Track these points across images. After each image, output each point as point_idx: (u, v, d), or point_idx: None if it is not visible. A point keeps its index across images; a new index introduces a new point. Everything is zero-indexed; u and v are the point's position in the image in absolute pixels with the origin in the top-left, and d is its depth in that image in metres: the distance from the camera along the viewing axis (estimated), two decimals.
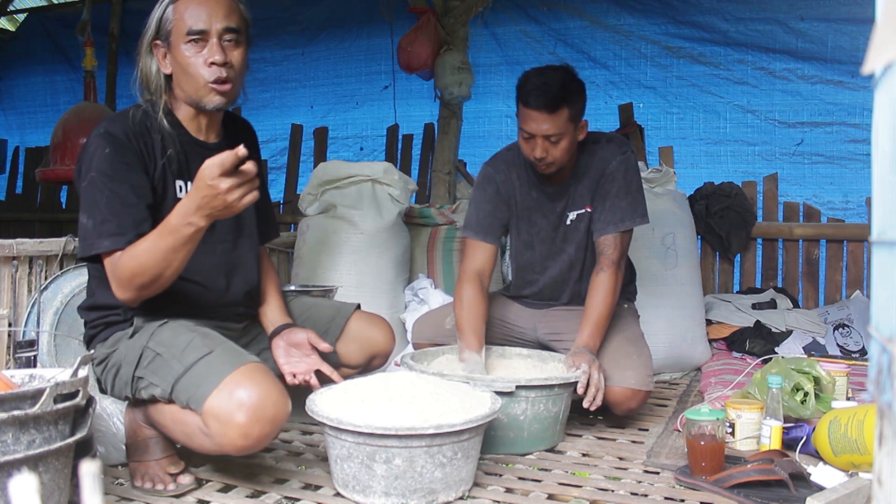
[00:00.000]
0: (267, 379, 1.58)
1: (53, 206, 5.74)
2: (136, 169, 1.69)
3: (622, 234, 2.25)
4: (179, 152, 1.79)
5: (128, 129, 1.70)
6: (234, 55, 1.73)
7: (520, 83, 2.18)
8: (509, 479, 1.82)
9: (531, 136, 2.15)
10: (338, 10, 4.76)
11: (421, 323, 2.60)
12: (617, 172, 2.26)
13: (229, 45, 1.73)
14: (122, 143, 1.68)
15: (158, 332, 1.69)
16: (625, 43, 4.18)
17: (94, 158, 1.66)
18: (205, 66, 1.70)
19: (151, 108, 1.78)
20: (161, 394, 1.62)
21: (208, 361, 1.58)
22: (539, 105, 2.11)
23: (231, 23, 1.72)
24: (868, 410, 1.76)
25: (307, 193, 3.28)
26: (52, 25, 5.69)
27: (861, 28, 3.64)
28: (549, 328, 2.44)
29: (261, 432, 1.54)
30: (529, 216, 2.38)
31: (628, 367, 2.16)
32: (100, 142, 1.67)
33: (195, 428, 1.59)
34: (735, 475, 1.70)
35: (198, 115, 1.80)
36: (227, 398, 1.52)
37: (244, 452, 1.58)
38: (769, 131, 3.94)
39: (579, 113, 2.20)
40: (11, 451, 1.28)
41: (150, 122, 1.75)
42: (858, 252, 3.72)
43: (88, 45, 3.82)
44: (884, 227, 0.62)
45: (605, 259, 2.23)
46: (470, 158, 4.45)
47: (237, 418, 1.51)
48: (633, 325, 2.39)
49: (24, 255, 2.17)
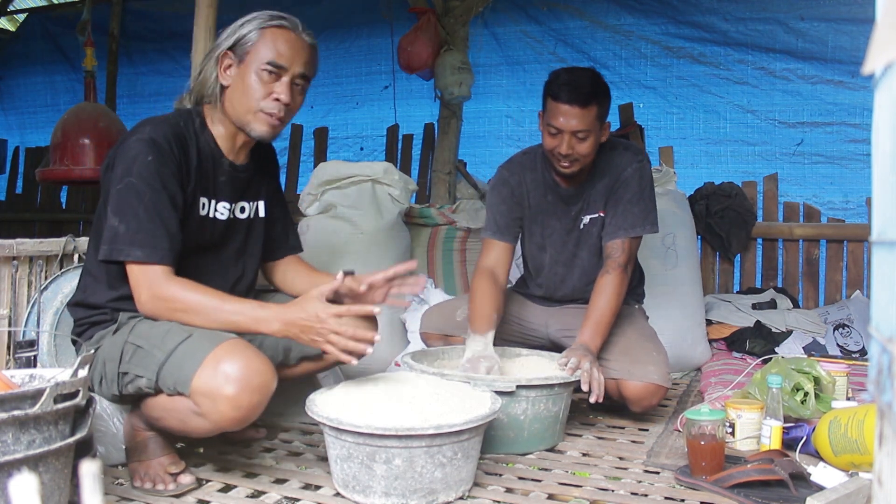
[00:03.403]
0: (248, 351, 1.59)
1: (53, 206, 5.74)
2: (174, 180, 1.71)
3: (631, 239, 2.28)
4: (209, 169, 1.81)
5: (170, 137, 1.72)
6: (297, 100, 1.80)
7: (550, 79, 2.20)
8: (509, 479, 1.82)
9: (558, 132, 2.17)
10: (338, 10, 4.76)
11: (431, 314, 2.58)
12: (632, 179, 2.28)
13: (297, 88, 1.79)
14: (165, 152, 1.69)
15: (137, 326, 1.71)
16: (625, 43, 4.18)
17: (135, 163, 1.66)
18: (269, 99, 1.74)
19: (190, 118, 1.79)
20: (147, 384, 1.63)
21: (188, 344, 1.60)
22: (571, 100, 2.13)
23: (307, 71, 1.80)
24: (868, 410, 1.76)
25: (307, 193, 3.28)
26: (52, 25, 5.69)
27: (861, 28, 3.64)
28: (561, 324, 2.45)
29: (250, 401, 1.56)
30: (543, 219, 2.40)
31: (649, 362, 2.17)
32: (143, 147, 1.68)
33: (187, 411, 1.59)
34: (735, 475, 1.70)
35: (236, 134, 1.83)
36: (213, 374, 1.54)
37: (238, 424, 1.59)
38: (769, 131, 3.94)
39: (605, 113, 2.23)
40: (11, 451, 1.28)
41: (188, 133, 1.77)
42: (858, 252, 3.72)
43: (88, 45, 3.82)
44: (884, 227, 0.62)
45: (613, 262, 2.25)
46: (470, 158, 4.45)
47: (226, 391, 1.53)
48: (647, 325, 2.42)
49: (24, 255, 2.17)
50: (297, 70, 1.76)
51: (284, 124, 1.81)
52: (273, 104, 1.75)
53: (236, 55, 1.75)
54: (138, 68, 5.45)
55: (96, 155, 3.56)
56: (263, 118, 1.75)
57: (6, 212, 5.83)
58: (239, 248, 1.93)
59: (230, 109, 1.78)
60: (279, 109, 1.75)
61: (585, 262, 2.40)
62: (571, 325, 2.40)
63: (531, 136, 4.37)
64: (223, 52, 1.76)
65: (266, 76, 1.74)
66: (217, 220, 1.85)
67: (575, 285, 2.44)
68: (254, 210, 1.96)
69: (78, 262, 2.28)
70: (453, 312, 2.50)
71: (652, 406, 2.20)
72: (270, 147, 2.07)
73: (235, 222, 1.91)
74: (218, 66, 1.77)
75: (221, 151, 1.83)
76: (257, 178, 1.96)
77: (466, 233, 3.43)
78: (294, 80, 1.77)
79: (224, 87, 1.78)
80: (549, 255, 2.43)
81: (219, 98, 1.79)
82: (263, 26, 1.75)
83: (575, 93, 2.13)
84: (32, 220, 5.71)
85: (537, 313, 2.51)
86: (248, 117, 1.76)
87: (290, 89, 1.76)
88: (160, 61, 5.37)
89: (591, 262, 2.39)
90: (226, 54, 1.76)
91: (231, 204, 1.88)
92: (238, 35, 1.75)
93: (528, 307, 2.53)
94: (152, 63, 5.41)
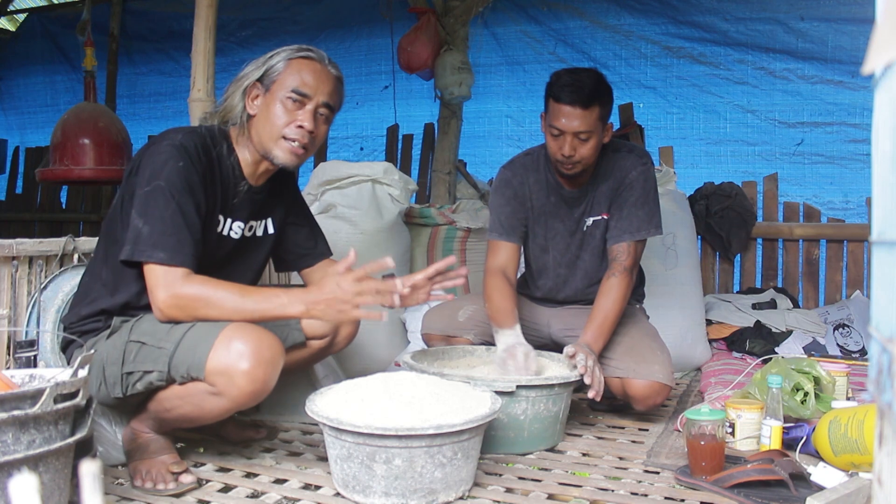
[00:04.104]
0: (256, 328, 1.64)
1: (53, 206, 5.75)
2: (200, 188, 1.73)
3: (636, 242, 2.27)
4: (230, 188, 1.83)
5: (199, 147, 1.74)
6: (321, 129, 1.83)
7: (552, 80, 2.20)
8: (509, 479, 1.82)
9: (560, 133, 2.16)
10: (338, 10, 4.76)
11: (432, 314, 2.56)
12: (636, 182, 2.27)
13: (321, 118, 1.82)
14: (195, 160, 1.72)
15: (137, 325, 1.72)
16: (625, 43, 4.18)
17: (165, 167, 1.68)
18: (292, 126, 1.77)
19: (218, 137, 1.81)
20: (158, 377, 1.65)
21: (195, 331, 1.64)
22: (573, 101, 2.13)
23: (331, 101, 1.82)
24: (868, 410, 1.76)
25: (307, 193, 3.28)
26: (52, 25, 5.69)
27: (861, 28, 3.64)
28: (564, 324, 2.46)
29: (265, 373, 1.61)
30: (546, 220, 2.40)
31: (654, 361, 2.18)
32: (174, 152, 1.69)
33: (203, 394, 1.64)
34: (735, 475, 1.70)
35: (260, 162, 1.85)
36: (226, 352, 1.59)
37: (254, 398, 1.64)
38: (769, 131, 3.94)
39: (608, 114, 2.22)
40: (11, 451, 1.28)
41: (215, 150, 1.80)
42: (858, 252, 3.72)
43: (88, 45, 3.82)
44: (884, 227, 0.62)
45: (618, 265, 2.24)
46: (470, 158, 4.45)
47: (241, 366, 1.58)
48: (648, 323, 2.43)
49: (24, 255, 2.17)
50: (321, 99, 1.79)
51: (308, 153, 1.83)
52: (296, 131, 1.77)
53: (263, 85, 1.79)
54: (138, 68, 5.45)
55: (96, 155, 3.56)
56: (286, 146, 1.78)
57: (6, 212, 5.83)
58: (244, 264, 1.96)
59: (255, 137, 1.81)
60: (302, 136, 1.78)
61: (588, 265, 2.40)
62: (574, 325, 2.40)
63: (531, 136, 4.37)
64: (252, 83, 1.79)
65: (290, 104, 1.77)
66: (231, 238, 1.88)
67: (577, 287, 2.44)
68: (262, 228, 1.98)
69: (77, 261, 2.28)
70: (455, 313, 2.50)
71: (656, 405, 2.20)
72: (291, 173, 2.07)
73: (245, 240, 1.94)
74: (245, 96, 1.80)
75: (243, 174, 1.85)
76: (271, 199, 1.98)
77: (466, 233, 3.43)
78: (318, 108, 1.80)
79: (251, 116, 1.81)
80: (552, 256, 2.43)
81: (245, 126, 1.82)
82: (291, 57, 1.79)
83: (577, 94, 2.12)
84: (32, 220, 5.71)
85: (539, 313, 2.51)
86: (271, 145, 1.79)
87: (314, 118, 1.79)
88: (160, 61, 5.37)
89: (593, 264, 2.39)
90: (254, 85, 1.79)
91: (244, 223, 1.91)
92: (267, 66, 1.79)
93: (529, 307, 2.53)
94: (152, 63, 5.41)
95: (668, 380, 2.16)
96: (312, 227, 2.13)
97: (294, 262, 2.12)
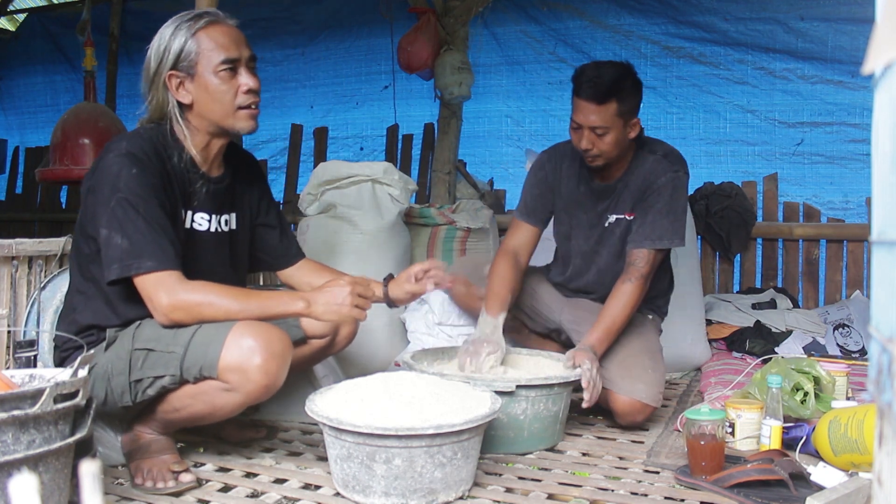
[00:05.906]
0: (264, 324, 1.67)
1: (53, 206, 5.74)
2: (160, 190, 1.72)
3: (656, 251, 2.24)
4: (186, 181, 1.81)
5: (147, 149, 1.72)
6: (258, 82, 1.81)
7: (576, 73, 2.21)
8: (509, 479, 1.82)
9: (579, 127, 2.19)
10: (338, 10, 4.76)
11: (463, 261, 2.70)
12: (664, 189, 2.24)
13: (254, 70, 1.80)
14: (146, 164, 1.70)
15: (139, 333, 1.72)
16: (625, 43, 4.18)
17: (119, 179, 1.66)
18: (240, 93, 1.76)
19: (161, 133, 1.79)
20: (171, 381, 1.67)
21: (203, 332, 1.65)
22: (588, 96, 2.14)
23: (251, 51, 1.81)
24: (868, 410, 1.76)
25: (307, 193, 3.28)
26: (52, 25, 5.69)
27: (861, 28, 3.64)
28: (573, 315, 2.46)
29: (277, 366, 1.65)
30: (572, 209, 2.42)
31: (641, 379, 2.16)
32: (124, 161, 1.68)
33: (216, 391, 1.66)
34: (735, 475, 1.70)
35: (208, 143, 1.83)
36: (238, 349, 1.62)
37: (268, 392, 1.67)
38: (769, 131, 3.94)
39: (631, 110, 2.21)
40: (11, 451, 1.28)
41: (161, 147, 1.77)
42: (858, 252, 3.72)
43: (88, 45, 3.81)
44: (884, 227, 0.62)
45: (635, 271, 2.22)
46: (470, 158, 4.45)
47: (254, 361, 1.61)
48: (654, 338, 2.39)
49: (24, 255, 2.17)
50: (245, 54, 1.78)
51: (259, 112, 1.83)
52: (247, 97, 1.77)
53: (182, 71, 1.75)
54: (138, 68, 5.36)
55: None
56: (244, 114, 1.78)
57: (6, 212, 5.83)
58: (226, 261, 1.94)
59: (202, 121, 1.79)
60: (254, 97, 1.78)
61: (603, 261, 2.40)
62: (582, 319, 2.40)
63: (531, 136, 4.37)
64: (167, 75, 1.75)
65: (226, 75, 1.75)
66: (199, 231, 1.86)
67: (588, 280, 2.45)
68: (235, 220, 1.97)
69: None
70: (482, 267, 2.54)
71: (636, 423, 2.19)
72: (246, 153, 2.07)
73: (220, 235, 1.92)
74: (167, 88, 1.76)
75: (196, 164, 1.83)
76: (238, 188, 1.96)
77: (466, 233, 3.43)
78: (247, 64, 1.78)
79: (185, 105, 1.78)
80: (574, 245, 2.45)
81: (180, 116, 1.78)
82: (195, 32, 1.74)
83: (593, 89, 2.13)
84: (32, 220, 5.71)
85: (553, 297, 2.54)
86: (230, 121, 1.78)
87: (251, 73, 1.78)
88: None
89: (608, 261, 2.38)
90: (171, 75, 1.75)
91: (211, 216, 1.88)
92: (173, 52, 1.74)
93: (549, 290, 2.56)
94: None
95: (651, 400, 2.15)
96: (284, 225, 2.12)
97: (271, 263, 2.13)
